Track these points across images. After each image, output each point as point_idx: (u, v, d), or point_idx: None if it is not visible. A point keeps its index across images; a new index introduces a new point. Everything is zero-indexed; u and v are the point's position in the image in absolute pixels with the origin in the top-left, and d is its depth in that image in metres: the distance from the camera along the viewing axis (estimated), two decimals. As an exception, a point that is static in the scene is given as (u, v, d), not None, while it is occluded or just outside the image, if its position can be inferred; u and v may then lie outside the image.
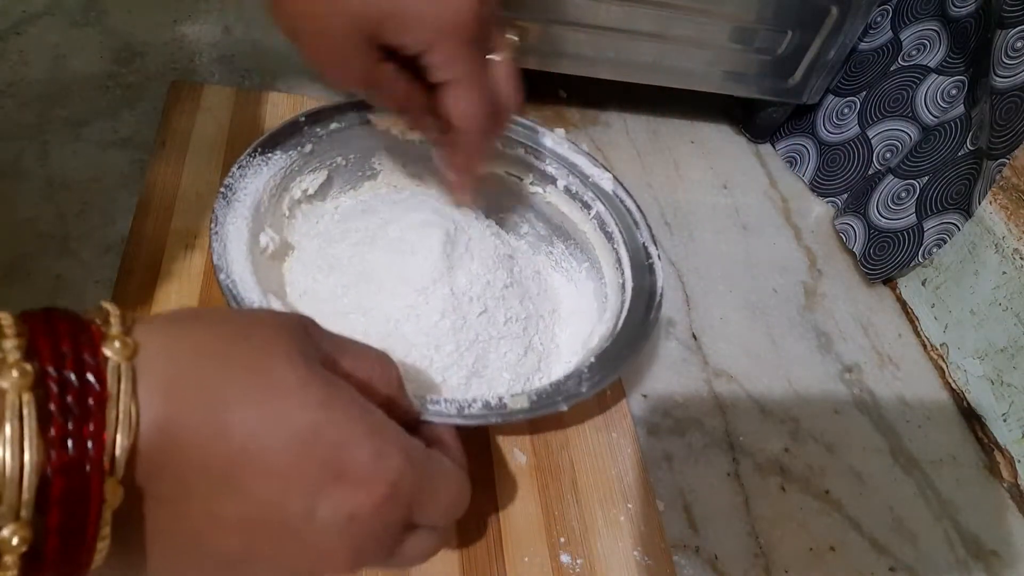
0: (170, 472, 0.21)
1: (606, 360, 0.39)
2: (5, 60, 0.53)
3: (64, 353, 0.20)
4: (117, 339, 0.21)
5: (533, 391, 0.36)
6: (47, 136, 0.49)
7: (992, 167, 0.52)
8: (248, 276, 0.36)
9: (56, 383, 0.19)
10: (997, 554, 0.46)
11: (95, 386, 0.20)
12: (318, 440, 0.22)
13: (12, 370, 0.19)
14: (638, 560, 0.39)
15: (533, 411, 0.36)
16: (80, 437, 0.19)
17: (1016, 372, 0.51)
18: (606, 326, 0.43)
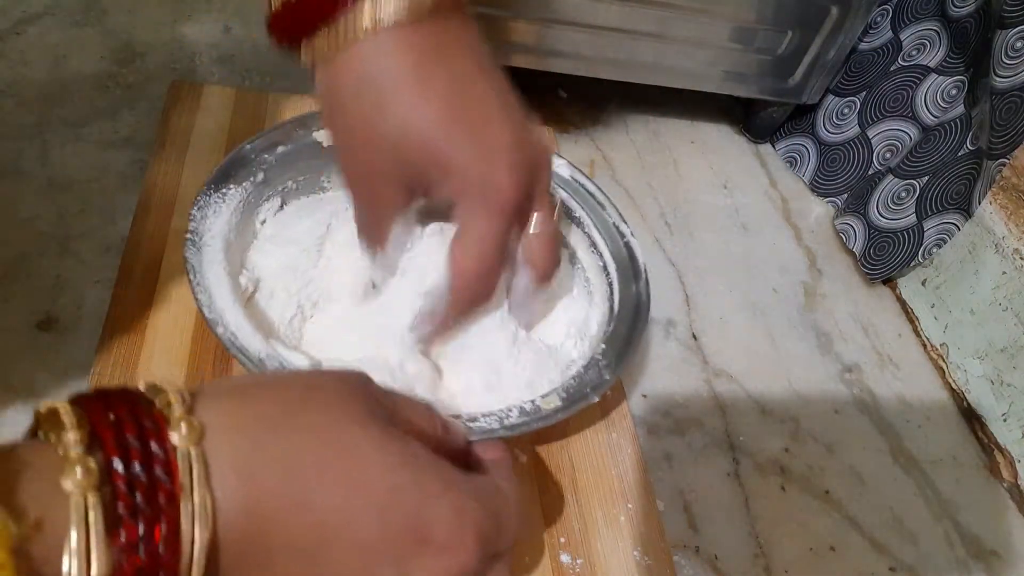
0: (252, 556, 0.20)
1: (616, 342, 0.40)
2: (5, 60, 0.53)
3: (130, 443, 0.18)
4: (183, 422, 0.19)
5: (561, 388, 0.37)
6: (47, 136, 0.49)
7: (992, 167, 0.52)
8: (244, 324, 0.35)
9: (124, 480, 0.18)
10: (997, 554, 0.46)
11: (165, 481, 0.18)
12: (399, 505, 0.22)
13: (76, 467, 0.17)
14: (638, 560, 0.39)
15: (568, 408, 0.36)
16: (151, 540, 0.17)
17: (1016, 372, 0.51)
18: (600, 310, 0.43)
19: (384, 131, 0.32)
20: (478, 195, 0.33)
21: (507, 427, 0.34)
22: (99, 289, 0.42)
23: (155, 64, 0.57)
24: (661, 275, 0.56)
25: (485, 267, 0.34)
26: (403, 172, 0.33)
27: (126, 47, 0.57)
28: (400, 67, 0.31)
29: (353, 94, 0.32)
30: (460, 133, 0.32)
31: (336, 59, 0.31)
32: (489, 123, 0.32)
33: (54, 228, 0.45)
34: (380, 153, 0.32)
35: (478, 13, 0.36)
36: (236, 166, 0.42)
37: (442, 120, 0.31)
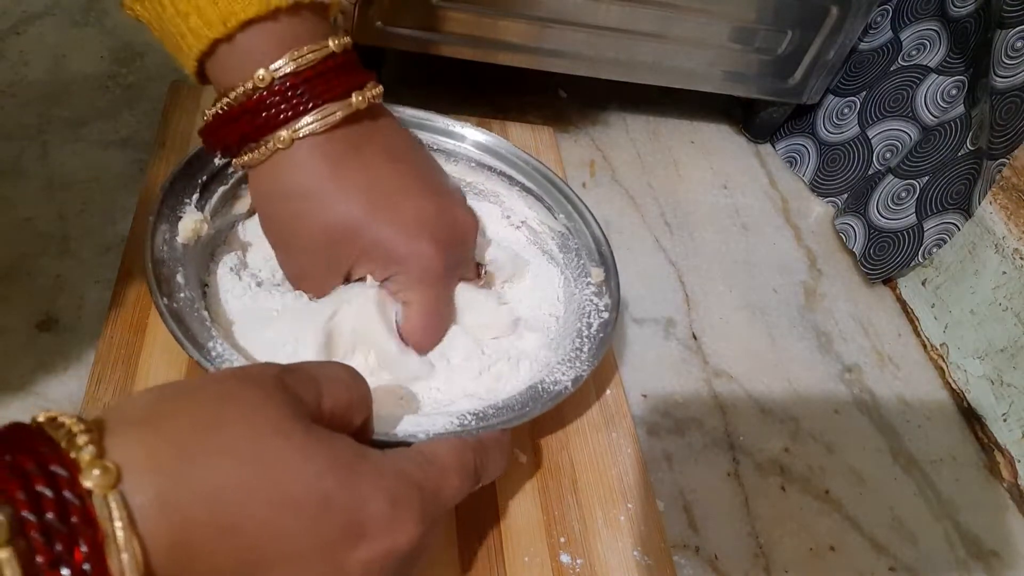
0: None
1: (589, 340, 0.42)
2: (5, 60, 0.53)
3: (40, 494, 0.17)
4: (96, 467, 0.18)
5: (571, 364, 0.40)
6: (47, 136, 0.49)
7: (992, 167, 0.52)
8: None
9: (39, 530, 0.17)
10: (997, 554, 0.46)
11: (85, 528, 0.17)
12: (331, 509, 0.22)
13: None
14: (638, 560, 0.39)
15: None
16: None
17: (1016, 372, 0.51)
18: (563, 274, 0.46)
19: (313, 232, 0.35)
20: (408, 272, 0.36)
21: (521, 415, 0.36)
22: (99, 289, 0.42)
23: (155, 64, 0.57)
24: (661, 275, 0.56)
25: (433, 331, 0.39)
26: (335, 265, 0.36)
27: (126, 47, 0.57)
28: (319, 173, 0.34)
29: (280, 201, 0.35)
30: (381, 219, 0.35)
31: (262, 170, 0.35)
32: (407, 205, 0.36)
33: (54, 228, 0.45)
34: (313, 251, 0.36)
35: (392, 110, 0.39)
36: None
37: (363, 211, 0.35)
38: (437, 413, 0.36)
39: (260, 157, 0.34)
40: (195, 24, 0.32)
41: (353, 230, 0.35)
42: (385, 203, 0.35)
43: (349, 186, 0.35)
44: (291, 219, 0.36)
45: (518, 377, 0.40)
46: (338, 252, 0.36)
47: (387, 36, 0.54)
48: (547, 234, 0.48)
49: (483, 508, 0.38)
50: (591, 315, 0.43)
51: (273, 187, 0.35)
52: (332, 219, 0.35)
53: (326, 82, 0.33)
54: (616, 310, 0.43)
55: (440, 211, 0.37)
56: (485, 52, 0.57)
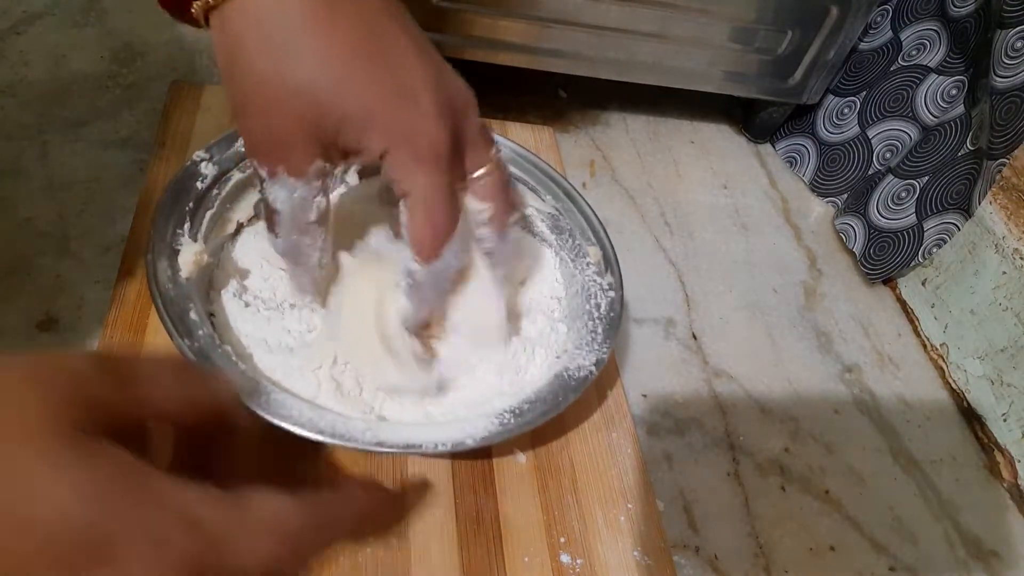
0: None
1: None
2: (5, 60, 0.53)
3: None
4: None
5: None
6: (47, 136, 0.49)
7: (992, 167, 0.52)
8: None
9: None
10: (997, 554, 0.46)
11: None
12: (75, 536, 0.20)
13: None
14: (638, 560, 0.39)
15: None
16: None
17: (1016, 372, 0.51)
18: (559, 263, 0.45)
19: (292, 79, 0.28)
20: (406, 146, 0.30)
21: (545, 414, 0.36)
22: (99, 289, 0.42)
23: (155, 64, 0.57)
24: (661, 275, 0.56)
25: (440, 227, 0.32)
26: (317, 128, 0.30)
27: (126, 47, 0.57)
28: (303, 13, 0.28)
29: (254, 46, 0.28)
30: (375, 78, 0.29)
31: (230, 9, 0.28)
32: (404, 64, 0.30)
33: (54, 228, 0.45)
34: (289, 109, 0.29)
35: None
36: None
37: (355, 62, 0.29)
38: (476, 416, 0.36)
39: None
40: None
41: (343, 88, 0.29)
42: (384, 60, 0.29)
43: (338, 31, 0.28)
44: (265, 71, 0.29)
45: (536, 364, 0.40)
46: (319, 115, 0.29)
47: (387, 36, 0.54)
48: (536, 216, 0.48)
49: (483, 508, 0.38)
50: (597, 295, 0.43)
51: (243, 31, 0.28)
52: (318, 70, 0.28)
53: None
54: (621, 288, 0.43)
55: (442, 78, 0.31)
56: (485, 52, 0.57)
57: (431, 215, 0.32)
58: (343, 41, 0.28)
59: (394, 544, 0.36)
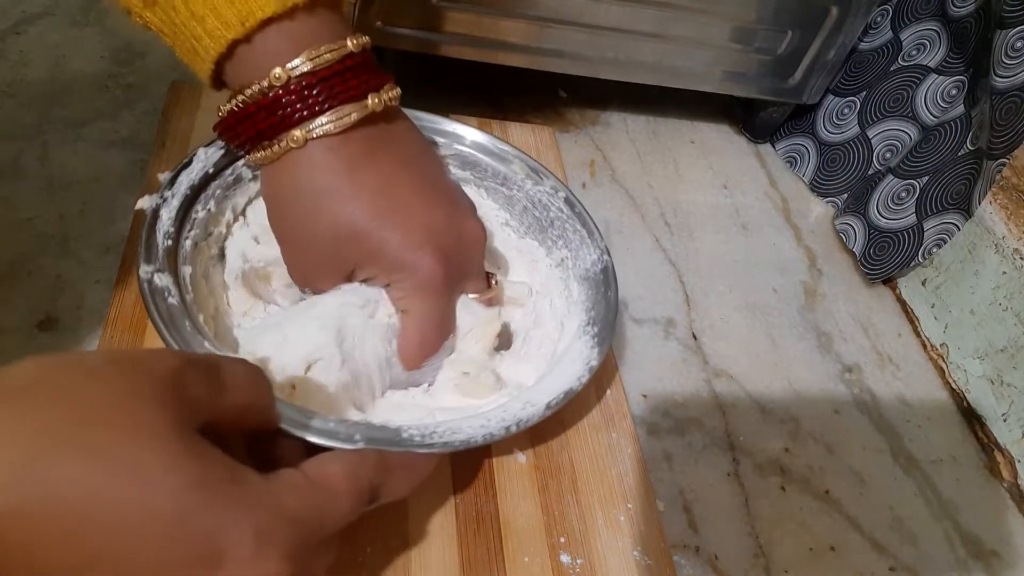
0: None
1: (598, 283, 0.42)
2: (5, 60, 0.53)
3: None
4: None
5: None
6: (47, 136, 0.49)
7: (992, 167, 0.52)
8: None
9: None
10: (997, 554, 0.46)
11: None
12: (185, 530, 0.21)
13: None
14: (638, 560, 0.39)
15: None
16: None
17: (1016, 372, 0.51)
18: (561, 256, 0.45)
19: (320, 230, 0.35)
20: (410, 278, 0.36)
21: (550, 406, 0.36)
22: (99, 289, 0.42)
23: (155, 64, 0.57)
24: (661, 275, 0.56)
25: (427, 345, 0.38)
26: (340, 264, 0.36)
27: (126, 47, 0.57)
28: (332, 174, 0.34)
29: (292, 199, 0.35)
30: (388, 224, 0.35)
31: (276, 167, 0.35)
32: (415, 212, 0.36)
33: (54, 228, 0.45)
34: (318, 249, 0.36)
35: (409, 113, 0.38)
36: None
37: (371, 215, 0.35)
38: (494, 408, 0.36)
39: (273, 156, 0.34)
40: (212, 26, 0.31)
41: (359, 231, 0.35)
42: (394, 208, 0.35)
43: (360, 188, 0.34)
44: (299, 216, 0.35)
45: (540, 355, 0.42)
46: (343, 252, 0.36)
47: (387, 36, 0.54)
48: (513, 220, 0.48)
49: (483, 508, 0.38)
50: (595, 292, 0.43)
51: (284, 185, 0.35)
52: (340, 218, 0.34)
53: (343, 82, 0.33)
54: (616, 286, 0.43)
55: (449, 221, 0.37)
56: (485, 52, 0.57)
57: (422, 334, 0.38)
58: (367, 196, 0.35)
59: (394, 544, 0.36)
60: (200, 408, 0.23)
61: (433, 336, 0.38)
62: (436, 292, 0.37)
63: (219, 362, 0.26)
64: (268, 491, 0.24)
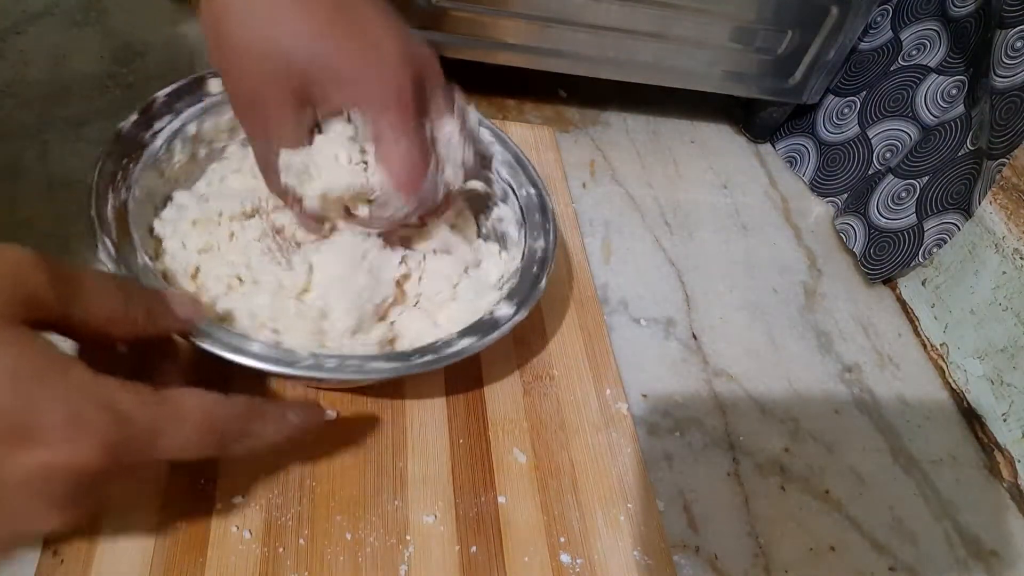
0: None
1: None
2: (5, 60, 0.53)
3: None
4: None
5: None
6: (47, 136, 0.49)
7: (992, 167, 0.52)
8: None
9: None
10: (997, 554, 0.46)
11: None
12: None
13: None
14: (638, 560, 0.39)
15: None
16: None
17: (1016, 372, 0.51)
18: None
19: (271, 50, 0.32)
20: (374, 94, 0.33)
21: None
22: (99, 289, 0.42)
23: (155, 64, 0.57)
24: (661, 275, 0.56)
25: (415, 161, 0.35)
26: (293, 86, 0.33)
27: (126, 47, 0.57)
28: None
29: (237, 23, 0.32)
30: (347, 41, 0.32)
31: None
32: (374, 30, 0.33)
33: (54, 228, 0.45)
34: (269, 71, 0.32)
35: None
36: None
37: (328, 32, 0.32)
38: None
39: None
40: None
41: (318, 50, 0.32)
42: (351, 28, 0.33)
43: (309, 5, 0.32)
44: (250, 38, 0.32)
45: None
46: (296, 70, 0.32)
47: (387, 36, 0.54)
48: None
49: (483, 508, 0.38)
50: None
51: (230, 10, 0.32)
52: (295, 35, 0.32)
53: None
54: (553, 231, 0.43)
55: (404, 42, 0.34)
56: (485, 52, 0.57)
57: (404, 152, 0.34)
58: (314, 12, 0.32)
59: (393, 543, 0.36)
60: (38, 306, 0.24)
61: (416, 150, 0.35)
62: (405, 105, 0.34)
63: (75, 272, 0.26)
64: (97, 384, 0.24)
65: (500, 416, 0.42)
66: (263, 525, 0.35)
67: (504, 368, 0.45)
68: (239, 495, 0.36)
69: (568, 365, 0.46)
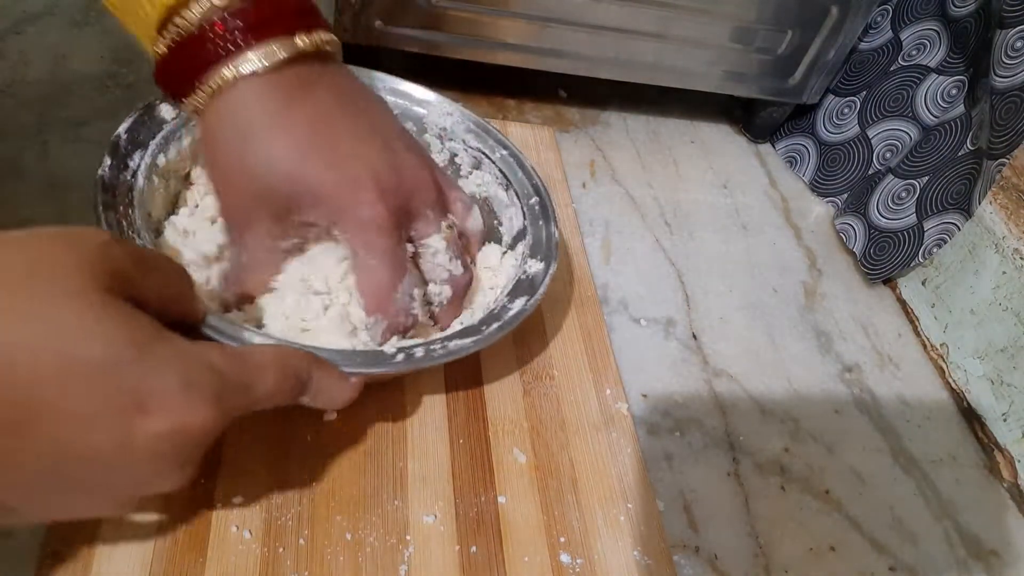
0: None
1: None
2: (5, 60, 0.53)
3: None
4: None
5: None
6: (47, 136, 0.49)
7: (992, 167, 0.52)
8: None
9: None
10: (997, 554, 0.46)
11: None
12: (119, 376, 0.23)
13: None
14: (638, 560, 0.39)
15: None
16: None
17: (1016, 372, 0.51)
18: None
19: (252, 167, 0.34)
20: (352, 218, 0.35)
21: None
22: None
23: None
24: (661, 275, 0.56)
25: (383, 282, 0.36)
26: (272, 202, 0.35)
27: (126, 47, 0.57)
28: (263, 111, 0.33)
29: (225, 139, 0.34)
30: (323, 162, 0.34)
31: (209, 110, 0.34)
32: (353, 151, 0.35)
33: (54, 228, 0.45)
34: (250, 186, 0.34)
35: (344, 61, 0.38)
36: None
37: (305, 152, 0.34)
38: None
39: (205, 98, 0.33)
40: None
41: (292, 169, 0.34)
42: (329, 144, 0.34)
43: (293, 124, 0.34)
44: (231, 156, 0.34)
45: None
46: (277, 191, 0.34)
47: (387, 36, 0.54)
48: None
49: (483, 508, 0.38)
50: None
51: (216, 127, 0.34)
52: (273, 154, 0.33)
53: (265, 19, 0.32)
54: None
55: (389, 157, 0.36)
56: (485, 52, 0.57)
57: (372, 272, 0.36)
58: (297, 137, 0.33)
59: (393, 542, 0.36)
60: (125, 281, 0.25)
61: (385, 272, 0.36)
62: (380, 232, 0.35)
63: (144, 250, 0.27)
64: (195, 349, 0.26)
65: (500, 416, 0.42)
66: (263, 525, 0.35)
67: (504, 368, 0.45)
68: (239, 495, 0.35)
69: (568, 365, 0.46)
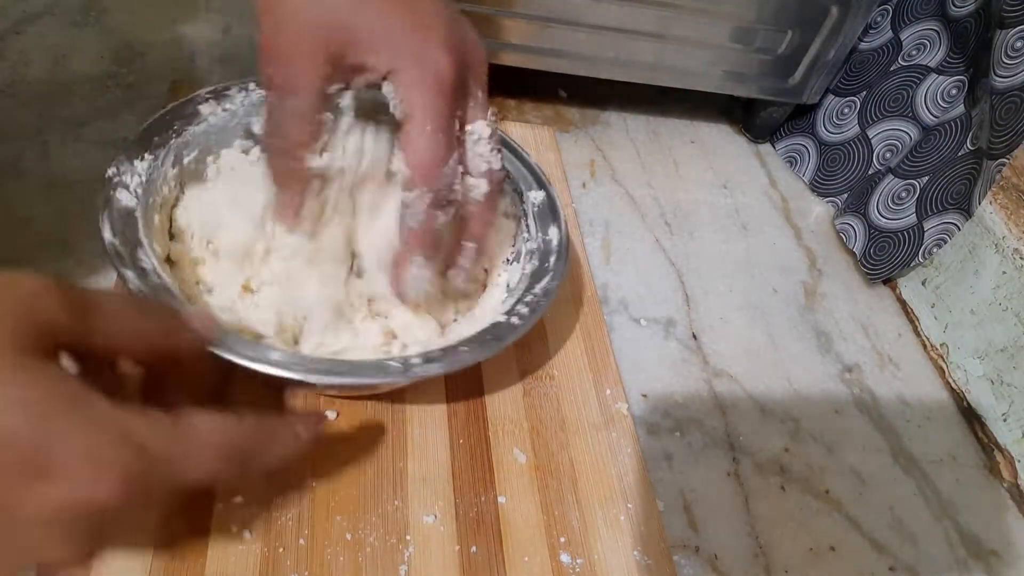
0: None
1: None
2: (5, 60, 0.53)
3: None
4: None
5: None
6: (47, 136, 0.49)
7: (992, 167, 0.52)
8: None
9: None
10: (997, 554, 0.46)
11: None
12: (12, 443, 0.21)
13: None
14: (638, 560, 0.39)
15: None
16: None
17: (1016, 372, 0.51)
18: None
19: (315, 12, 0.31)
20: (414, 68, 0.31)
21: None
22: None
23: (155, 64, 0.57)
24: (661, 275, 0.56)
25: (439, 149, 0.33)
26: (330, 44, 0.31)
27: (126, 47, 0.57)
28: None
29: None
30: (398, 12, 0.31)
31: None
32: (428, 9, 0.32)
33: (54, 228, 0.45)
34: (310, 23, 0.31)
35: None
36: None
37: (380, 1, 0.31)
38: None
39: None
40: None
41: (357, 9, 0.31)
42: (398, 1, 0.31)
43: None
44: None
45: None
46: (331, 29, 0.31)
47: (387, 36, 0.54)
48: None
49: (483, 508, 0.38)
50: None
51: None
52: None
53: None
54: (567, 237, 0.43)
55: (452, 23, 0.33)
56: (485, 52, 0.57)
57: (425, 140, 0.32)
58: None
59: (393, 542, 0.36)
60: (57, 334, 0.24)
61: (443, 139, 0.32)
62: (444, 88, 0.32)
63: (88, 293, 0.25)
64: (114, 417, 0.24)
65: (500, 416, 0.42)
66: (263, 525, 0.35)
67: (504, 368, 0.45)
68: (239, 495, 0.36)
69: (568, 365, 0.46)
